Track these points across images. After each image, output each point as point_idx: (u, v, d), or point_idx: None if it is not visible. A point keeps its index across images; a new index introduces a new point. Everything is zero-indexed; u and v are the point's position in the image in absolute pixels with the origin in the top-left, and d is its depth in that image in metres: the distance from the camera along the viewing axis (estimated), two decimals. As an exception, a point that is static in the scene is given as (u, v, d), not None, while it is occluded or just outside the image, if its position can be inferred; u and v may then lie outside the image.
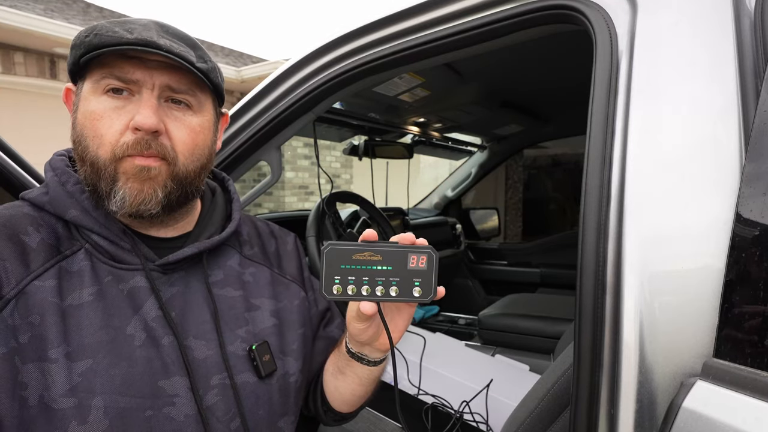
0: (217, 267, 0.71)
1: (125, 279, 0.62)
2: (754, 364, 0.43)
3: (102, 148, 0.59)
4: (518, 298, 2.32)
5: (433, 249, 0.55)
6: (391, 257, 0.55)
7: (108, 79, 0.59)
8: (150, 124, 0.59)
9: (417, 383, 1.48)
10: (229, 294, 0.70)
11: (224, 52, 7.39)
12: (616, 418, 0.50)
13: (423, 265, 0.55)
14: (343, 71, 0.92)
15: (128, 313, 0.60)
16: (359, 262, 0.54)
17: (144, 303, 0.61)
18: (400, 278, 0.55)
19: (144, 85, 0.60)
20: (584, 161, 0.59)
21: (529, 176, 4.77)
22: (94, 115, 0.60)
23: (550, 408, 0.73)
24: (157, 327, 0.61)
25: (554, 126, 2.49)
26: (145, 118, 0.59)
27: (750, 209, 0.45)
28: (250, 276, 0.74)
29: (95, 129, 0.59)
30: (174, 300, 0.64)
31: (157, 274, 0.64)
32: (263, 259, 0.78)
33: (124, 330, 0.59)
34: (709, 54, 0.53)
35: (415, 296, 0.55)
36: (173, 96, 0.63)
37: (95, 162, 0.60)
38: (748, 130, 0.48)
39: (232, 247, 0.75)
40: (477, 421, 1.32)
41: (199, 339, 0.64)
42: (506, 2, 0.74)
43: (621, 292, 0.52)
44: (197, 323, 0.65)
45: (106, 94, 0.60)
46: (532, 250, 2.85)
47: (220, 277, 0.70)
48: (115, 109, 0.60)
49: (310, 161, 6.35)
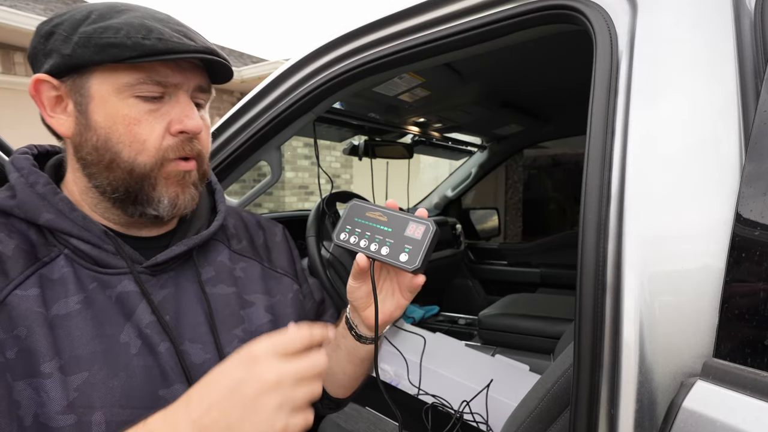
0: (207, 264, 0.68)
1: (112, 284, 0.58)
2: (754, 364, 0.43)
3: (144, 153, 0.58)
4: (518, 298, 2.32)
5: (433, 222, 0.57)
6: (395, 221, 0.58)
7: (147, 84, 0.57)
8: (200, 127, 0.60)
9: (417, 383, 1.48)
10: (223, 291, 0.67)
11: (224, 52, 7.38)
12: (616, 418, 0.50)
13: (418, 235, 0.56)
14: (343, 71, 0.92)
15: (120, 320, 0.57)
16: (369, 219, 0.60)
17: (135, 308, 0.58)
18: (394, 241, 0.57)
19: (181, 88, 0.60)
20: (584, 161, 0.59)
21: (529, 176, 4.77)
22: (130, 119, 0.57)
23: (550, 408, 0.73)
24: (152, 333, 0.58)
25: (554, 126, 2.48)
26: (196, 123, 0.60)
27: (750, 209, 0.45)
28: (242, 271, 0.72)
29: (134, 134, 0.57)
30: (166, 303, 0.61)
31: (146, 277, 0.61)
32: (252, 253, 0.76)
33: (117, 338, 0.56)
34: (709, 54, 0.53)
35: (401, 261, 0.56)
36: (198, 96, 0.63)
37: (134, 168, 0.58)
38: (748, 130, 0.48)
39: (220, 242, 0.72)
40: (477, 421, 1.32)
41: (195, 342, 0.61)
42: (506, 2, 0.74)
43: (621, 292, 0.52)
44: (192, 326, 0.62)
45: (136, 98, 0.57)
46: (532, 250, 2.85)
47: (212, 274, 0.68)
48: (150, 112, 0.58)
49: (310, 161, 6.35)
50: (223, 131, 1.07)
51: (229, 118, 1.06)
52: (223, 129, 1.07)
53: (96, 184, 0.60)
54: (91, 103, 0.57)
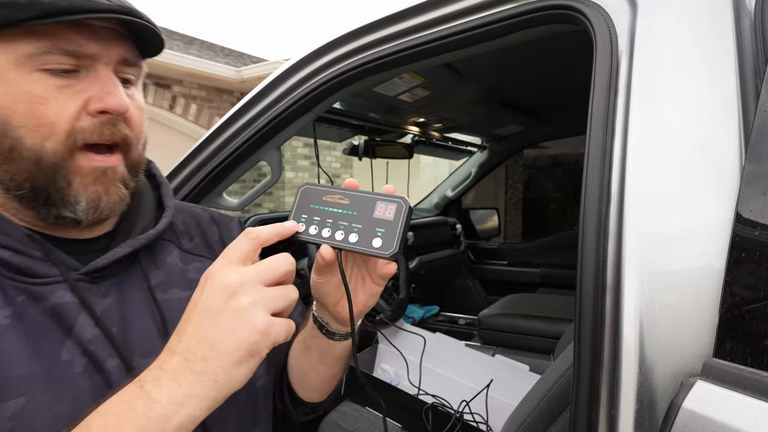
0: (155, 267, 0.60)
1: (43, 296, 0.50)
2: (754, 364, 0.43)
3: (52, 138, 0.48)
4: (518, 298, 2.32)
5: (404, 200, 0.50)
6: (360, 202, 0.50)
7: (53, 55, 0.47)
8: (125, 105, 0.50)
9: (417, 383, 1.48)
10: (176, 296, 0.59)
11: (224, 52, 7.39)
12: (616, 418, 0.50)
13: (390, 215, 0.49)
14: (343, 71, 0.92)
15: (58, 336, 0.49)
16: (327, 204, 0.51)
17: (75, 321, 0.50)
18: (362, 225, 0.49)
19: (99, 60, 0.50)
20: (584, 161, 0.59)
21: (529, 176, 4.77)
22: (33, 97, 0.47)
23: (550, 408, 0.73)
24: (97, 349, 0.50)
25: (554, 126, 2.48)
26: (119, 100, 0.50)
27: (750, 209, 0.45)
28: (196, 272, 0.63)
29: (39, 116, 0.47)
30: (110, 313, 0.53)
31: (84, 285, 0.52)
32: (207, 252, 0.67)
33: (58, 357, 0.49)
34: (709, 54, 0.53)
35: (375, 247, 0.48)
36: (124, 70, 0.53)
37: (41, 158, 0.48)
38: (748, 130, 0.48)
39: (170, 241, 0.64)
40: (477, 421, 1.32)
41: (147, 357, 0.52)
42: (506, 2, 0.74)
43: (621, 292, 0.52)
44: (143, 339, 0.54)
45: (42, 72, 0.48)
46: (532, 250, 2.85)
47: (162, 278, 0.60)
48: (61, 89, 0.48)
49: (310, 161, 6.35)
50: (223, 131, 1.07)
51: (229, 118, 1.06)
52: (223, 129, 1.07)
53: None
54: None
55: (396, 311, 1.68)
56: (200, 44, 7.18)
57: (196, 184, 1.09)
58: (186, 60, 5.33)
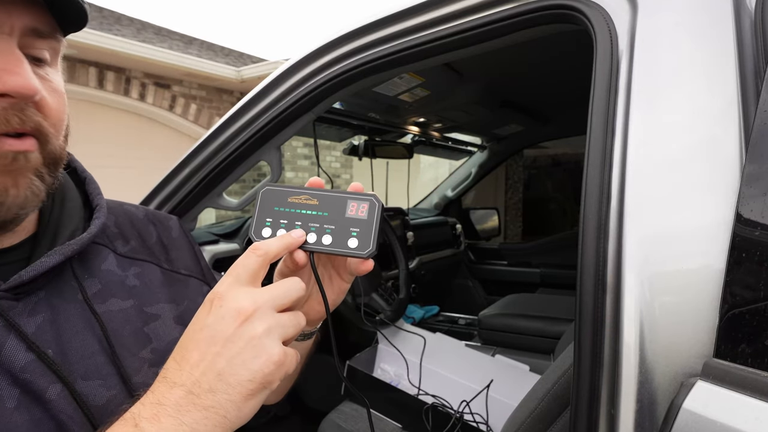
0: (88, 275, 0.52)
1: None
2: (755, 364, 0.43)
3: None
4: (518, 298, 2.32)
5: (376, 197, 0.48)
6: (329, 202, 0.48)
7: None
8: (32, 87, 0.41)
9: (417, 383, 1.48)
10: (117, 307, 0.53)
11: (224, 52, 7.39)
12: (616, 418, 0.50)
13: (363, 214, 0.48)
14: (343, 71, 0.92)
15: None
16: (294, 206, 0.49)
17: (1, 348, 0.42)
18: (335, 226, 0.48)
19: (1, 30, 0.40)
20: (584, 161, 0.59)
21: (529, 176, 4.78)
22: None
23: (550, 408, 0.72)
24: (32, 378, 0.43)
25: (554, 126, 2.48)
26: (25, 80, 0.40)
27: (750, 209, 0.45)
28: (136, 278, 0.57)
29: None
30: (43, 333, 0.45)
31: (6, 303, 0.44)
32: (146, 254, 0.60)
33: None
34: (710, 54, 0.53)
35: (351, 248, 0.47)
36: (34, 45, 0.44)
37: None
38: (749, 130, 0.48)
39: (103, 245, 0.56)
40: (477, 422, 1.32)
41: (92, 379, 0.47)
42: (506, 2, 0.74)
43: (621, 292, 0.52)
44: (83, 358, 0.47)
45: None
46: (532, 250, 2.85)
47: (98, 288, 0.52)
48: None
49: (310, 161, 6.35)
50: (223, 131, 1.07)
51: (229, 118, 1.06)
52: (223, 129, 1.07)
53: None
54: None
55: (396, 311, 1.68)
56: (200, 44, 7.18)
57: (195, 184, 1.09)
58: (186, 60, 5.33)
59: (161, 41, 5.97)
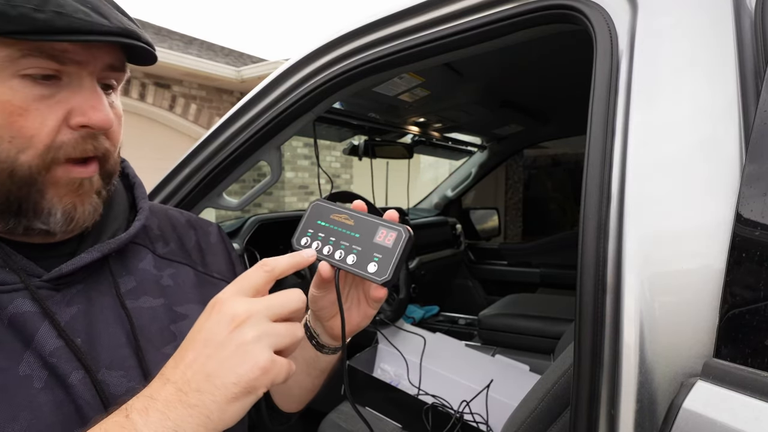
0: (126, 273, 0.57)
1: (1, 305, 0.47)
2: (755, 364, 0.43)
3: (28, 151, 0.46)
4: (518, 298, 2.32)
5: (405, 228, 0.50)
6: (363, 225, 0.51)
7: (36, 58, 0.44)
8: (110, 121, 0.48)
9: (417, 383, 1.48)
10: (148, 304, 0.57)
11: (224, 52, 7.39)
12: (616, 418, 0.50)
13: (389, 242, 0.50)
14: (343, 71, 0.92)
15: (16, 348, 0.46)
16: (334, 222, 0.53)
17: (35, 332, 0.47)
18: (362, 248, 0.50)
19: (85, 68, 0.47)
20: (584, 161, 0.59)
21: (529, 176, 4.78)
22: (12, 108, 0.44)
23: (550, 408, 0.72)
24: (59, 362, 0.47)
25: (554, 126, 2.49)
26: (105, 116, 0.48)
27: (750, 209, 0.45)
28: (170, 278, 0.61)
29: (17, 128, 0.45)
30: (75, 323, 0.50)
31: (47, 292, 0.49)
32: (183, 257, 0.65)
33: (15, 371, 0.45)
34: (710, 54, 0.53)
35: (369, 271, 0.49)
36: (108, 76, 0.51)
37: (15, 170, 0.46)
38: (749, 130, 0.48)
39: (143, 246, 0.61)
40: (477, 422, 1.32)
41: (115, 369, 0.50)
42: (506, 2, 0.74)
43: (621, 292, 0.52)
44: (110, 349, 0.51)
45: (22, 78, 0.44)
46: (532, 250, 2.85)
47: (133, 285, 0.57)
48: (42, 99, 0.45)
49: (310, 161, 6.35)
50: (223, 131, 1.07)
51: (229, 118, 1.06)
52: (223, 129, 1.07)
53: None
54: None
55: (396, 311, 1.68)
56: (200, 44, 7.18)
57: (196, 184, 1.09)
58: (186, 60, 5.33)
59: (161, 41, 5.97)
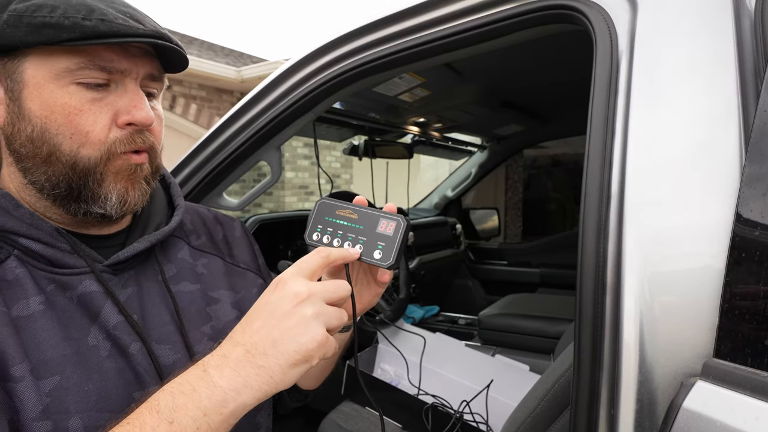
0: (168, 261, 0.66)
1: (72, 285, 0.55)
2: (754, 364, 0.43)
3: (87, 146, 0.54)
4: (518, 298, 2.32)
5: (403, 218, 0.57)
6: (365, 218, 0.59)
7: (89, 70, 0.52)
8: (150, 118, 0.56)
9: (417, 383, 1.48)
10: (187, 289, 0.65)
11: (224, 52, 7.39)
12: (616, 418, 0.50)
13: (390, 231, 0.57)
14: (343, 71, 0.92)
15: (85, 322, 0.54)
16: (339, 217, 0.60)
17: (101, 309, 0.55)
18: (366, 238, 0.58)
19: (128, 75, 0.56)
20: (584, 161, 0.59)
21: (529, 176, 4.77)
22: (70, 109, 0.52)
23: (550, 408, 0.73)
24: (120, 335, 0.55)
25: (554, 126, 2.49)
26: (146, 114, 0.56)
27: (750, 209, 0.45)
28: (203, 267, 0.70)
29: (75, 125, 0.53)
30: (131, 303, 0.59)
31: (107, 276, 0.58)
32: (213, 249, 0.73)
33: (85, 341, 0.54)
34: (710, 54, 0.53)
35: (375, 258, 0.57)
36: (149, 85, 0.59)
37: (77, 162, 0.54)
38: (749, 131, 0.48)
39: (179, 238, 0.70)
40: (477, 422, 1.32)
41: (163, 343, 0.59)
42: (506, 2, 0.74)
43: (621, 292, 0.52)
44: (158, 326, 0.60)
45: (78, 86, 0.53)
46: (532, 250, 2.85)
47: (174, 272, 0.66)
48: (94, 101, 0.53)
49: (310, 161, 6.35)
50: (223, 131, 1.07)
51: (229, 118, 1.06)
52: (223, 129, 1.07)
53: (33, 180, 0.55)
54: (24, 90, 0.53)
55: (396, 311, 1.68)
56: (200, 44, 7.18)
57: (196, 183, 1.09)
58: (186, 60, 5.33)
59: (161, 41, 5.95)
